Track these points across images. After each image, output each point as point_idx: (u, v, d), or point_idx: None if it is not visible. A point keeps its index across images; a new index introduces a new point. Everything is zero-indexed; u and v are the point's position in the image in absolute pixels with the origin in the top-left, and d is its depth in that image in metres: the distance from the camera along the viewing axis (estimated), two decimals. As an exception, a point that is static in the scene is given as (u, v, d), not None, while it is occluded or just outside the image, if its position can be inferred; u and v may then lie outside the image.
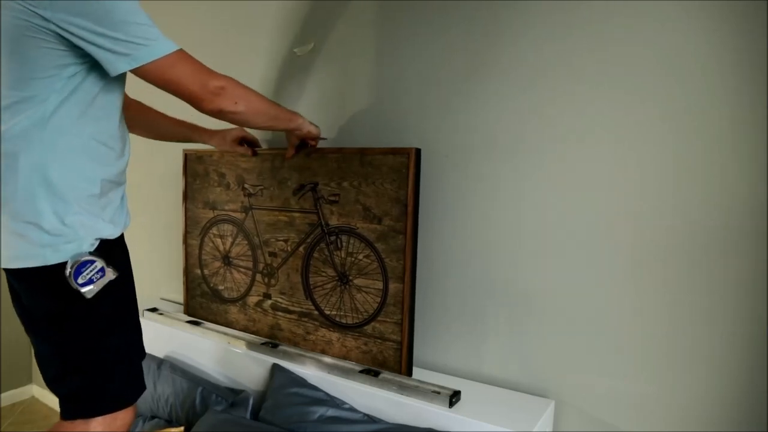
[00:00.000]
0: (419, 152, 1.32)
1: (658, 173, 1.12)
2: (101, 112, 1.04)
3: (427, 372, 1.41)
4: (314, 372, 1.44)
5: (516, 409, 1.22)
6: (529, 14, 1.23)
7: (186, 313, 1.86)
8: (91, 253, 1.02)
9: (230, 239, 1.70)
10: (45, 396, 2.81)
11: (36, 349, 1.10)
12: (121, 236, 1.12)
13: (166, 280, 2.09)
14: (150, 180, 2.11)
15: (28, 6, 0.90)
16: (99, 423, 1.06)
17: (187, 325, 1.75)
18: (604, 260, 1.19)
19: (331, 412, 1.31)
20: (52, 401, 2.74)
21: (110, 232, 1.07)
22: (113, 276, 1.04)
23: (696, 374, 1.11)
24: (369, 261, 1.39)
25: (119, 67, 0.96)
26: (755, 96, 1.01)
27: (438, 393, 1.25)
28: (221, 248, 1.73)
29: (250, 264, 1.66)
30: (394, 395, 1.29)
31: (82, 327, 1.04)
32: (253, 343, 1.59)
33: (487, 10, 1.29)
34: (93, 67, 0.99)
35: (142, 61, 0.96)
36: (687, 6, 1.06)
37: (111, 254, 1.05)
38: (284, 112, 1.30)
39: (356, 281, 1.43)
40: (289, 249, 1.56)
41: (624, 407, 1.19)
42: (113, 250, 1.07)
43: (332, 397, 1.37)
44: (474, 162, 1.34)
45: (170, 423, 1.63)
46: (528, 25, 1.24)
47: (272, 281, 1.61)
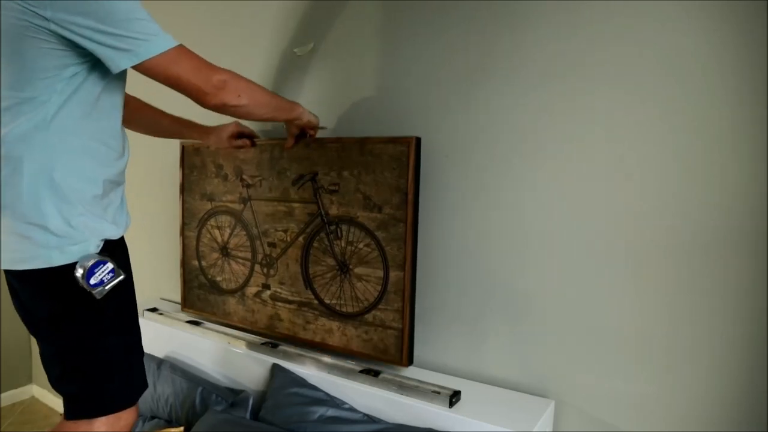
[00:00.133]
0: (419, 141, 1.33)
1: (658, 173, 1.12)
2: (103, 112, 1.04)
3: (427, 372, 1.41)
4: (314, 372, 1.44)
5: (516, 409, 1.22)
6: (533, 14, 1.23)
7: (183, 306, 1.86)
8: (100, 254, 1.02)
9: (228, 230, 1.69)
10: (45, 396, 2.81)
11: (40, 349, 1.10)
12: (122, 237, 1.12)
13: (166, 279, 2.09)
14: (150, 178, 2.11)
15: (28, 6, 0.90)
16: (102, 423, 1.06)
17: (187, 325, 1.75)
18: (605, 260, 1.19)
19: (331, 412, 1.32)
20: (52, 401, 2.74)
21: (113, 233, 1.07)
22: (122, 277, 1.04)
23: (696, 374, 1.11)
24: (369, 249, 1.39)
25: (121, 64, 0.96)
26: (755, 96, 1.01)
27: (438, 393, 1.25)
28: (219, 240, 1.72)
29: (249, 255, 1.65)
30: (394, 395, 1.30)
31: (84, 328, 1.04)
32: (253, 343, 1.59)
33: (487, 10, 1.29)
34: (93, 67, 0.99)
35: (144, 57, 0.96)
36: (687, 6, 1.06)
37: (113, 255, 1.05)
38: (285, 102, 1.30)
39: (356, 270, 1.43)
40: (289, 239, 1.55)
41: (624, 407, 1.19)
42: (114, 251, 1.07)
43: (332, 397, 1.37)
44: (474, 162, 1.34)
45: (170, 423, 1.63)
46: (531, 25, 1.24)
47: (271, 271, 1.61)
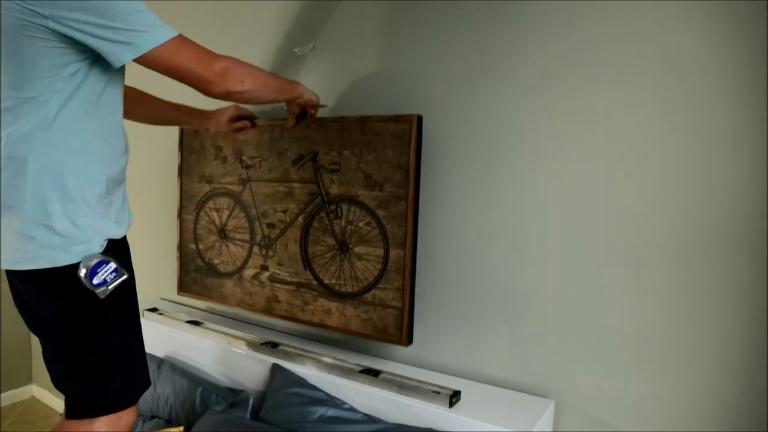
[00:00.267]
0: (421, 119, 1.33)
1: (658, 173, 1.12)
2: (105, 109, 1.04)
3: (427, 372, 1.41)
4: (314, 372, 1.44)
5: (516, 409, 1.22)
6: (533, 14, 1.23)
7: (179, 290, 1.84)
8: (103, 254, 1.02)
9: (227, 212, 1.68)
10: (45, 396, 2.81)
11: (43, 349, 1.10)
12: (124, 235, 1.12)
13: (166, 279, 2.09)
14: (150, 178, 2.11)
15: (27, 5, 0.90)
16: (103, 423, 1.06)
17: (187, 325, 1.75)
18: (605, 260, 1.19)
19: (331, 412, 1.31)
20: (52, 401, 2.74)
21: (116, 232, 1.07)
22: (125, 276, 1.03)
23: (696, 374, 1.11)
24: (369, 228, 1.39)
25: (123, 57, 0.95)
26: (755, 96, 1.01)
27: (438, 393, 1.25)
28: (217, 222, 1.71)
29: (247, 236, 1.64)
30: (394, 395, 1.29)
31: (87, 327, 1.04)
32: (253, 343, 1.59)
33: (487, 10, 1.29)
34: (94, 64, 0.99)
35: (146, 48, 0.95)
36: (687, 6, 1.06)
37: (115, 254, 1.05)
38: (286, 83, 1.31)
39: (356, 249, 1.42)
40: (288, 220, 1.54)
41: (624, 407, 1.19)
42: (117, 250, 1.07)
43: (332, 397, 1.37)
44: (474, 162, 1.33)
45: (170, 423, 1.63)
46: (531, 25, 1.24)
47: (270, 253, 1.59)
